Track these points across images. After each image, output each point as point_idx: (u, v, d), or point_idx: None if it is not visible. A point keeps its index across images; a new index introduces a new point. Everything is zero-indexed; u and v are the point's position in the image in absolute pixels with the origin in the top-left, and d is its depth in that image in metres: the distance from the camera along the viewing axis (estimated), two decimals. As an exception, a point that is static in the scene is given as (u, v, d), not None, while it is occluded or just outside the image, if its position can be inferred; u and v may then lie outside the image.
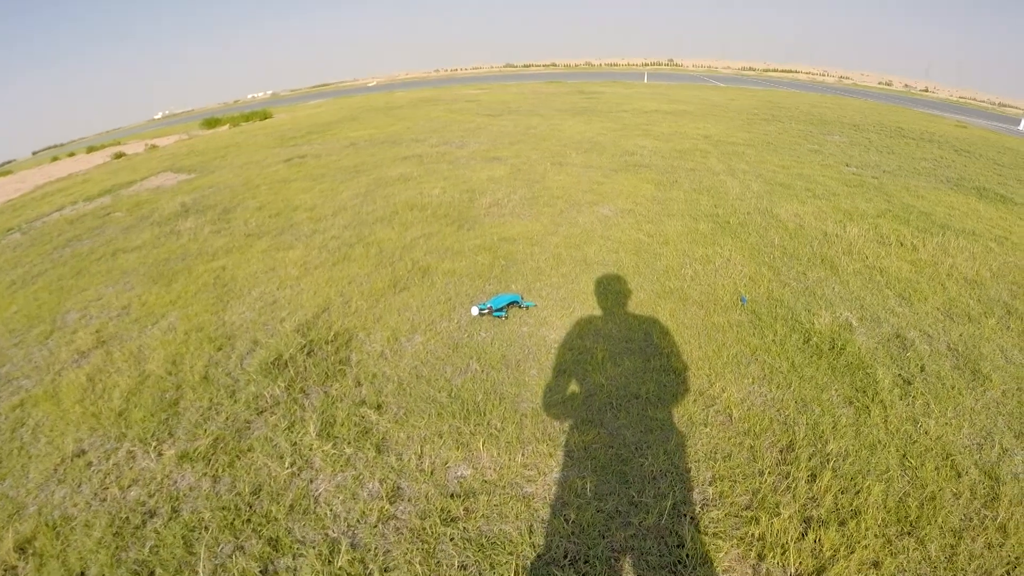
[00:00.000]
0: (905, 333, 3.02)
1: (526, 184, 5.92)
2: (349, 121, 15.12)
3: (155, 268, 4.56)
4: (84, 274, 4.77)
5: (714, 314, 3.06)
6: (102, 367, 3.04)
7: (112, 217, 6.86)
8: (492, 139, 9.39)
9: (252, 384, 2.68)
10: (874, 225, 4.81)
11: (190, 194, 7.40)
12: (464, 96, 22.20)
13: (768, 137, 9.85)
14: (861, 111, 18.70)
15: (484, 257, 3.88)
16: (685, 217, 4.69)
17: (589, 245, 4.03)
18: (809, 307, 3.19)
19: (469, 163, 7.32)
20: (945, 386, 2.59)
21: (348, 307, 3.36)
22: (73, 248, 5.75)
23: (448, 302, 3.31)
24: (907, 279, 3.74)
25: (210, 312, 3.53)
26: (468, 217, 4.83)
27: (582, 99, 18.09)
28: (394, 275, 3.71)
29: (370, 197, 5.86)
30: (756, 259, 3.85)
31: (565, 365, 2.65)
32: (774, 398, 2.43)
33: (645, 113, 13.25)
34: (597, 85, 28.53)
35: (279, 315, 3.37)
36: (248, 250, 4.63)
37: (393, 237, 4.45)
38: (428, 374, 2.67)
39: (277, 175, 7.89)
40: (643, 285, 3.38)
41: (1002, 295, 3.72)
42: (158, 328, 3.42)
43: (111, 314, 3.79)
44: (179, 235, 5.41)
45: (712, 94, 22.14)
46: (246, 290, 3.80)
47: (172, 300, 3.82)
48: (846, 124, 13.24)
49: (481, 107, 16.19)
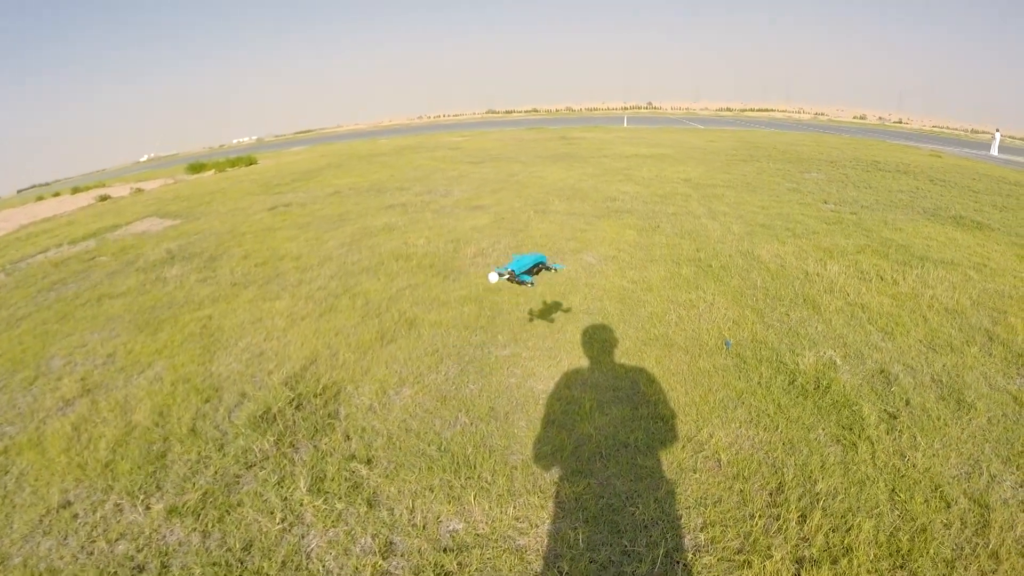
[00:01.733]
0: (889, 368, 3.16)
1: (510, 233, 6.13)
2: (333, 168, 15.50)
3: (141, 316, 4.64)
4: (69, 319, 4.85)
5: (699, 359, 3.18)
6: (87, 416, 3.08)
7: (97, 261, 7.00)
8: (475, 187, 9.72)
9: (241, 438, 2.73)
10: (854, 261, 5.03)
11: (176, 240, 7.58)
12: (447, 143, 22.83)
13: (747, 178, 10.29)
14: (837, 147, 19.51)
15: (470, 308, 4.01)
16: (668, 262, 4.89)
17: (574, 294, 4.19)
18: (793, 348, 3.33)
19: (453, 212, 7.57)
20: (931, 418, 2.71)
21: (336, 359, 3.44)
22: (58, 292, 5.88)
23: (435, 354, 3.41)
24: (889, 313, 3.92)
25: (197, 363, 3.60)
26: (453, 267, 4.99)
27: (563, 145, 18.69)
28: (381, 327, 3.81)
29: (355, 247, 6.03)
30: (739, 302, 4.02)
31: (553, 416, 2.74)
32: (762, 441, 2.53)
33: (626, 158, 13.75)
34: (578, 130, 29.51)
35: (267, 367, 3.44)
36: (234, 300, 4.74)
37: (379, 288, 4.58)
38: (417, 427, 2.74)
39: (263, 223, 8.10)
40: (628, 333, 3.52)
41: (983, 322, 3.90)
42: (144, 378, 3.48)
43: (96, 362, 3.84)
44: (165, 282, 5.53)
45: (691, 137, 22.99)
46: (233, 341, 3.89)
47: (158, 349, 3.89)
48: (823, 161, 13.81)
49: (464, 154, 16.67)
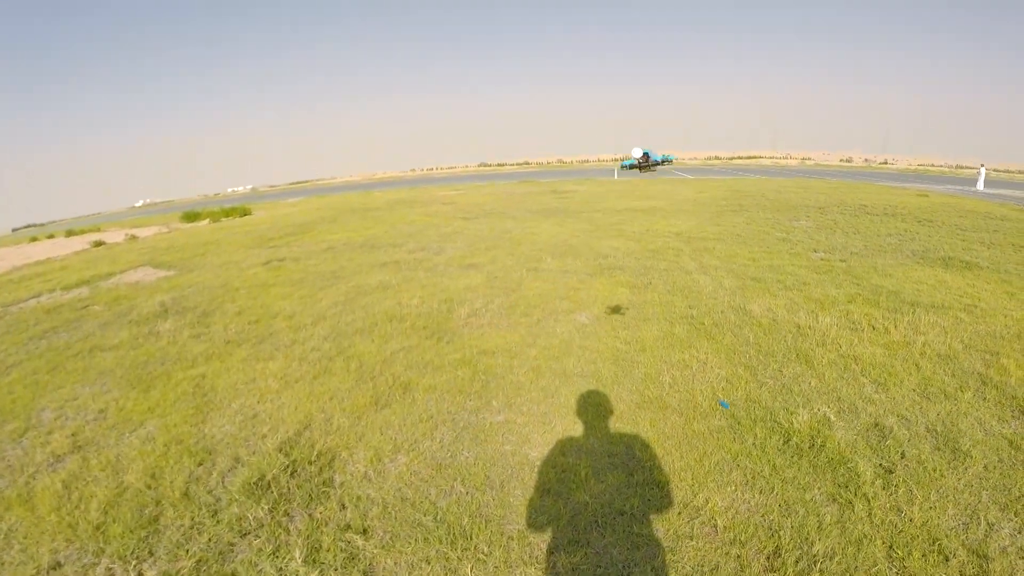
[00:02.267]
0: (883, 421, 3.22)
1: (503, 292, 6.24)
2: (327, 223, 15.81)
3: (133, 371, 4.68)
4: (60, 370, 4.90)
5: (694, 421, 3.24)
6: (78, 474, 3.09)
7: (90, 310, 7.11)
8: (468, 244, 9.93)
9: (235, 504, 2.74)
10: (845, 312, 5.14)
11: (169, 293, 7.72)
12: (440, 198, 23.32)
13: (737, 229, 10.54)
14: (825, 192, 20.00)
15: (464, 372, 4.07)
16: (661, 321, 4.99)
17: (567, 356, 4.26)
18: (787, 406, 3.39)
19: (446, 270, 7.71)
20: (926, 470, 2.75)
21: (330, 424, 3.47)
22: (49, 340, 5.94)
23: (430, 420, 3.45)
24: (881, 364, 3.99)
25: (190, 423, 3.62)
26: (447, 329, 5.06)
27: (555, 199, 19.11)
28: (375, 391, 3.85)
29: (349, 306, 6.12)
30: (732, 360, 4.10)
31: (549, 484, 2.77)
32: (758, 503, 2.56)
33: (617, 212, 14.08)
34: (569, 183, 30.19)
35: (260, 431, 3.46)
36: (228, 358, 4.78)
37: (373, 350, 4.64)
38: (413, 496, 2.76)
39: (256, 278, 8.25)
40: (622, 396, 3.58)
41: (976, 366, 3.97)
42: (136, 437, 3.50)
43: (87, 417, 3.88)
44: (158, 337, 5.58)
45: (681, 187, 23.55)
46: (226, 402, 3.92)
47: (150, 407, 3.91)
48: (811, 207, 14.16)
49: (457, 210, 17.02)
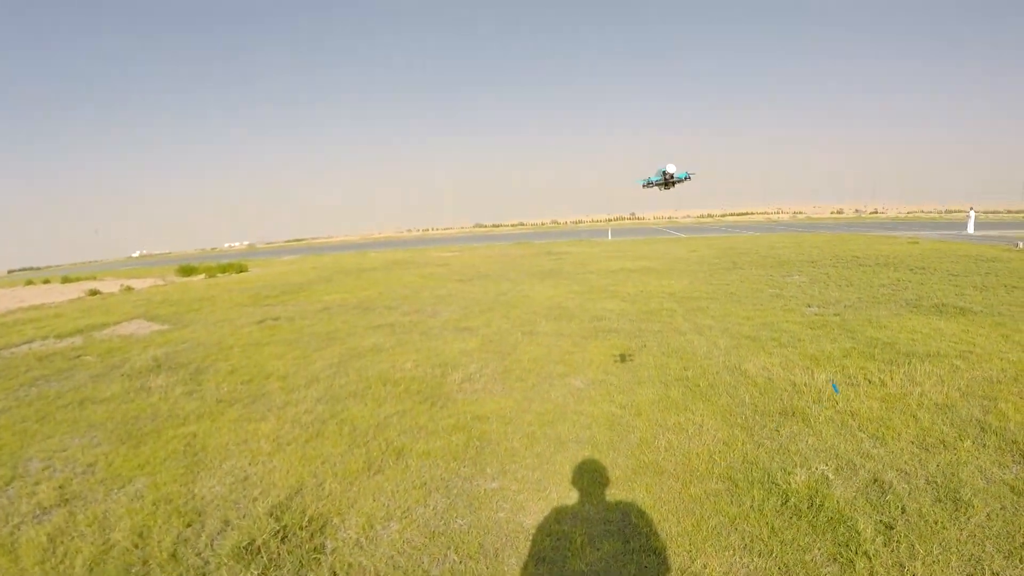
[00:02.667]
0: (882, 476, 3.20)
1: (498, 356, 6.26)
2: (323, 283, 15.97)
3: (123, 426, 4.68)
4: (49, 420, 4.95)
5: (691, 485, 3.22)
6: (64, 528, 3.06)
7: (82, 361, 7.16)
8: (463, 307, 10.01)
9: (223, 568, 2.69)
10: (841, 367, 5.17)
11: (162, 347, 7.77)
12: (435, 259, 23.61)
13: (730, 287, 10.70)
14: (817, 246, 20.35)
15: (458, 438, 4.06)
16: (656, 384, 5.00)
17: (562, 422, 4.25)
18: (784, 466, 3.38)
19: (441, 333, 7.75)
20: (928, 523, 2.73)
21: (322, 489, 3.43)
22: (40, 388, 6.05)
23: (424, 486, 3.41)
24: (878, 418, 4.00)
25: (179, 483, 3.59)
26: (441, 394, 5.06)
27: (549, 260, 19.39)
28: (368, 456, 3.82)
29: (343, 368, 6.13)
30: (728, 421, 4.10)
31: (544, 552, 2.73)
32: (757, 567, 2.53)
33: (611, 273, 14.28)
34: (563, 245, 30.71)
35: (251, 493, 3.42)
36: (219, 418, 4.77)
37: (366, 414, 4.62)
38: (406, 565, 2.71)
39: (251, 337, 8.30)
40: (618, 461, 3.56)
41: (974, 413, 3.99)
42: (125, 493, 3.47)
43: (76, 470, 3.88)
44: (149, 392, 5.60)
45: (674, 247, 23.98)
46: (217, 462, 3.89)
47: (140, 464, 3.89)
48: (804, 262, 14.39)
49: (452, 271, 17.23)
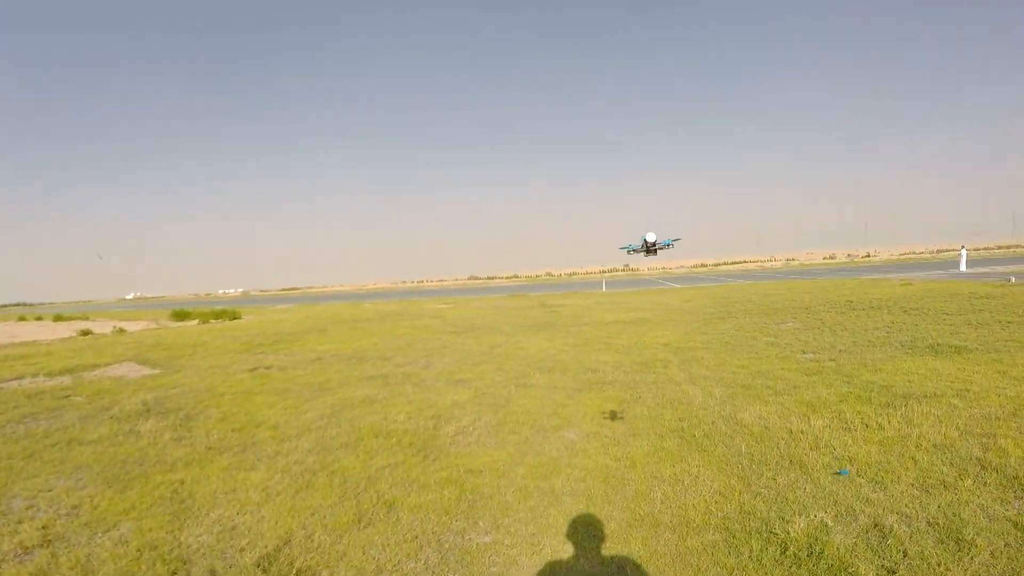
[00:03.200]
0: (883, 520, 3.15)
1: (491, 409, 6.20)
2: (316, 332, 15.92)
3: (110, 469, 4.64)
4: (36, 459, 4.99)
5: (687, 537, 3.15)
6: (46, 570, 3.01)
7: (71, 401, 7.15)
8: (457, 359, 9.96)
9: None
10: (837, 412, 5.16)
11: (153, 392, 7.74)
12: (429, 311, 23.62)
13: (725, 336, 10.74)
14: (810, 291, 20.56)
15: (450, 491, 3.97)
16: (651, 435, 4.94)
17: (556, 475, 4.18)
18: (782, 514, 3.32)
19: (434, 385, 7.69)
20: (931, 565, 2.68)
21: (311, 541, 3.33)
22: (27, 426, 6.13)
23: (415, 540, 3.31)
24: (877, 462, 3.97)
25: (165, 530, 3.51)
26: (434, 446, 4.98)
27: (543, 313, 19.43)
28: (359, 508, 3.73)
29: (335, 419, 6.05)
30: (725, 471, 4.04)
31: (538, 612, 2.65)
32: (758, 623, 2.45)
33: (605, 324, 14.31)
34: (558, 297, 30.86)
35: (239, 543, 3.33)
36: (208, 465, 4.69)
37: (358, 466, 4.54)
38: None
39: (242, 384, 8.24)
40: (613, 514, 3.48)
41: (973, 451, 3.98)
42: (109, 538, 3.40)
43: (60, 511, 3.86)
44: (138, 436, 5.56)
45: (668, 297, 24.13)
46: (204, 511, 3.80)
47: (126, 509, 3.82)
48: (798, 308, 14.50)
49: (446, 323, 17.23)
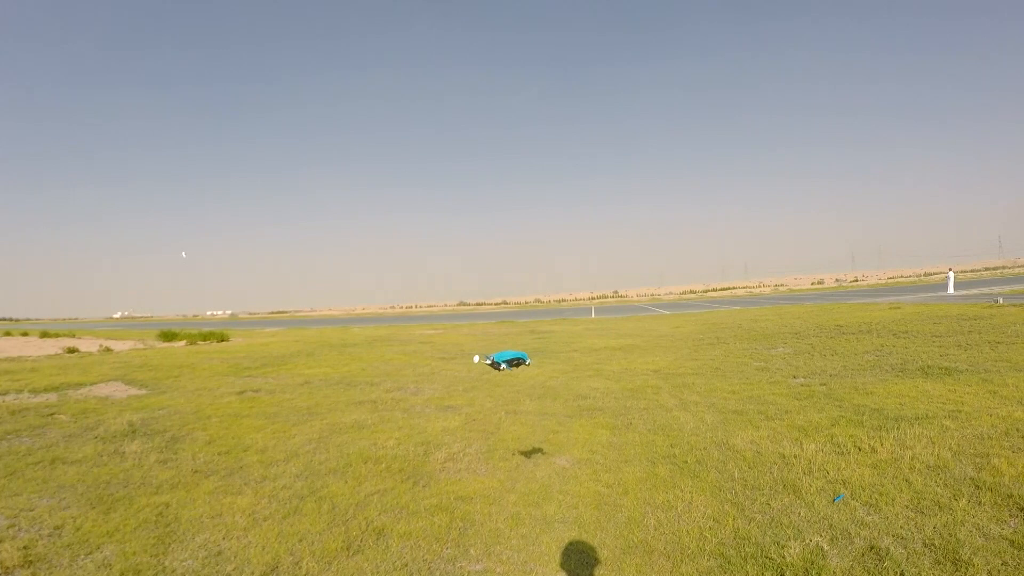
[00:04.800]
0: (878, 543, 3.16)
1: (481, 436, 6.14)
2: (305, 356, 15.76)
3: (94, 490, 4.57)
4: (18, 477, 4.92)
5: (681, 564, 3.12)
6: None
7: (56, 419, 7.06)
8: (446, 385, 9.88)
9: None
10: (830, 436, 5.17)
11: (139, 412, 7.64)
12: (418, 337, 23.46)
13: (715, 362, 10.79)
14: (800, 316, 20.73)
15: (441, 518, 3.90)
16: (643, 461, 4.92)
17: (548, 502, 4.13)
18: (777, 539, 3.31)
19: (423, 411, 7.61)
20: (928, 586, 2.67)
21: (299, 568, 3.25)
22: (10, 443, 6.05)
23: (405, 568, 3.24)
24: (871, 485, 3.98)
25: (149, 554, 3.42)
26: (423, 473, 4.91)
27: (533, 339, 19.40)
28: (347, 535, 3.66)
29: (323, 444, 5.95)
30: (718, 497, 4.03)
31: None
32: (756, 651, 2.42)
33: (595, 351, 14.31)
34: (547, 323, 30.85)
35: (224, 569, 3.25)
36: (194, 489, 4.60)
37: (346, 492, 4.45)
38: None
39: (230, 407, 8.12)
40: (606, 541, 3.45)
41: (967, 471, 4.00)
42: (92, 560, 3.32)
43: (42, 531, 3.79)
44: (123, 457, 5.48)
45: (657, 324, 24.22)
46: (190, 535, 3.71)
47: (109, 531, 3.73)
48: (788, 334, 14.60)
49: (435, 349, 17.12)
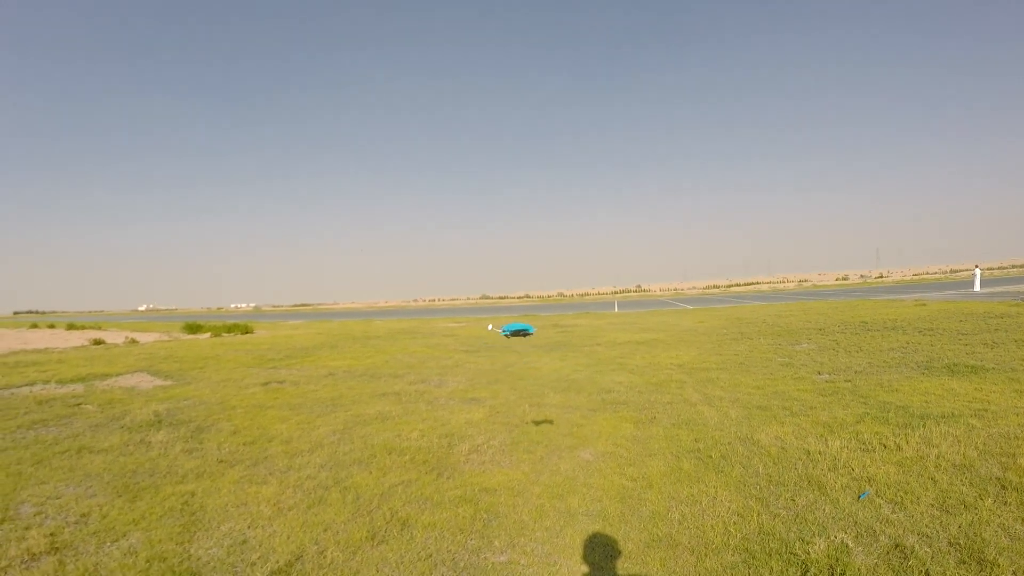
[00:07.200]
0: (904, 541, 3.16)
1: (505, 428, 6.21)
2: (328, 348, 15.96)
3: (120, 479, 4.69)
4: (45, 465, 4.99)
5: (706, 558, 3.16)
6: None
7: (83, 409, 7.20)
8: (470, 378, 9.95)
9: None
10: (855, 433, 5.15)
11: (164, 403, 7.79)
12: (441, 330, 23.60)
13: (739, 357, 10.73)
14: (824, 313, 20.41)
15: (465, 510, 3.97)
16: (667, 456, 4.96)
17: (572, 495, 4.20)
18: (802, 535, 3.33)
19: (447, 404, 7.70)
20: (952, 585, 2.69)
21: (323, 557, 3.33)
22: (37, 432, 6.17)
23: (429, 559, 3.31)
24: (896, 482, 3.98)
25: (175, 541, 3.51)
26: (447, 464, 4.99)
27: (556, 333, 19.39)
28: (372, 525, 3.73)
29: (347, 436, 6.05)
30: (743, 492, 4.05)
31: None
32: (780, 644, 2.46)
33: (618, 345, 14.29)
34: (570, 317, 30.77)
35: (250, 558, 3.33)
36: (220, 478, 4.70)
37: (371, 483, 4.54)
38: None
39: (254, 399, 8.28)
40: (630, 535, 3.50)
41: (993, 471, 3.97)
42: (118, 548, 3.40)
43: (68, 519, 3.83)
44: (149, 447, 5.58)
45: (681, 318, 24.03)
46: (215, 523, 3.80)
47: (135, 519, 3.83)
48: (812, 330, 14.41)
49: (458, 342, 17.22)
